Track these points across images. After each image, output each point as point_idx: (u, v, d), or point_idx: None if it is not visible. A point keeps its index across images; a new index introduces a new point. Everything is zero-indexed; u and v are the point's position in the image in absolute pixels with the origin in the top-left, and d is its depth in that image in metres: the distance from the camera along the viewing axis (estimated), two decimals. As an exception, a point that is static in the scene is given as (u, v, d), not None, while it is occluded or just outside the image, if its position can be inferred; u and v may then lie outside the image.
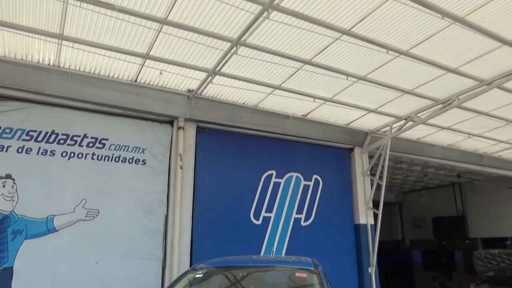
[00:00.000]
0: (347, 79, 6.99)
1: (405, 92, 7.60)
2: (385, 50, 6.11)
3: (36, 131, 6.41)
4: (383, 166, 9.17)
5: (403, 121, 8.84)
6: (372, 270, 9.14)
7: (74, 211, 6.46)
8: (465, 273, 16.37)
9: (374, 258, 9.14)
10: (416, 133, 9.87)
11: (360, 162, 9.82)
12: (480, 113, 8.57)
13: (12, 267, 5.88)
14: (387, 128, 9.34)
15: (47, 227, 6.23)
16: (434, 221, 17.49)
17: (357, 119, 9.04)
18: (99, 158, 6.84)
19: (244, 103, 8.13)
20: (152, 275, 6.85)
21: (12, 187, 6.12)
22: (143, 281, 6.72)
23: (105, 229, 6.63)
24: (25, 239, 6.04)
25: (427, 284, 14.65)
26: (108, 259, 6.56)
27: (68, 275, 6.20)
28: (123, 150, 7.07)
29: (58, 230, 6.29)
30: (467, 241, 17.94)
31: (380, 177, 9.33)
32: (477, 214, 16.59)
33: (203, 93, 7.58)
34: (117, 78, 6.95)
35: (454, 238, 17.79)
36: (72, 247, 6.33)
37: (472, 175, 15.10)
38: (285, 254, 8.26)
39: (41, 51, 6.16)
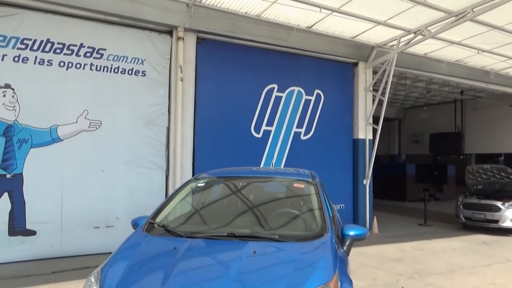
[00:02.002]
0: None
1: (418, 2, 7.15)
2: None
3: (30, 39, 6.20)
4: (386, 82, 9.04)
5: (412, 35, 8.48)
6: (367, 182, 9.55)
7: (77, 122, 6.55)
8: (456, 186, 17.17)
9: (369, 171, 9.50)
10: (423, 47, 9.54)
11: (364, 78, 9.66)
12: (493, 27, 8.18)
13: (21, 174, 6.16)
14: (395, 42, 9.01)
15: (51, 137, 6.37)
16: (431, 137, 17.83)
17: (364, 32, 8.65)
18: (98, 68, 6.72)
19: (246, 13, 7.71)
20: (156, 183, 7.19)
21: (13, 96, 6.12)
22: (148, 189, 7.08)
23: (108, 140, 6.78)
24: (31, 147, 6.22)
25: (418, 195, 15.43)
26: (113, 168, 6.83)
27: (75, 182, 6.52)
28: (122, 61, 6.91)
29: (62, 140, 6.45)
30: (461, 157, 18.49)
31: (383, 93, 9.26)
32: (475, 131, 16.84)
33: (203, 1, 7.15)
34: (111, -18, 6.50)
35: (450, 154, 18.30)
36: (77, 156, 6.55)
37: (476, 92, 14.98)
38: (284, 166, 8.56)
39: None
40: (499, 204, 9.25)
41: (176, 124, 7.22)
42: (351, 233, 3.15)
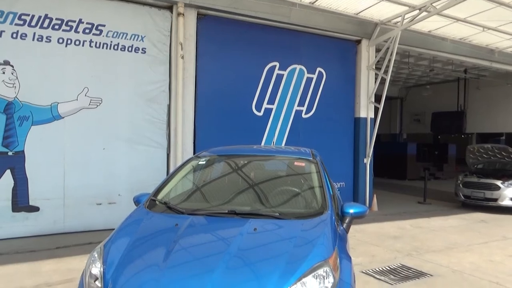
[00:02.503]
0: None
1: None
2: None
3: (28, 15, 6.10)
4: (389, 60, 8.93)
5: (417, 11, 8.31)
6: (368, 160, 9.58)
7: (77, 99, 6.52)
8: (456, 165, 17.25)
9: (370, 150, 9.51)
10: (428, 25, 9.37)
11: (366, 55, 9.54)
12: (500, 3, 8.00)
13: (23, 151, 6.18)
14: (399, 19, 8.84)
15: (52, 114, 6.35)
16: (433, 116, 17.76)
17: (368, 8, 8.48)
18: (97, 45, 6.64)
19: (247, -13, 7.55)
20: (157, 160, 7.22)
21: (12, 73, 6.07)
22: (149, 166, 7.11)
23: (109, 117, 6.77)
24: (32, 125, 6.22)
25: (418, 174, 15.52)
26: (114, 145, 6.84)
27: (77, 159, 6.55)
28: (122, 38, 6.82)
29: (63, 118, 6.44)
30: (462, 136, 18.47)
31: (385, 71, 9.16)
32: (477, 110, 16.75)
33: (203, -25, 7.00)
34: (109, -45, 6.35)
35: (451, 133, 18.27)
36: (79, 133, 6.55)
37: (479, 71, 14.81)
38: (285, 145, 8.57)
39: None
40: (498, 183, 9.30)
41: (177, 102, 7.18)
42: (351, 211, 3.18)
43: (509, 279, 4.81)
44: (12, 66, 6.06)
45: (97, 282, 2.25)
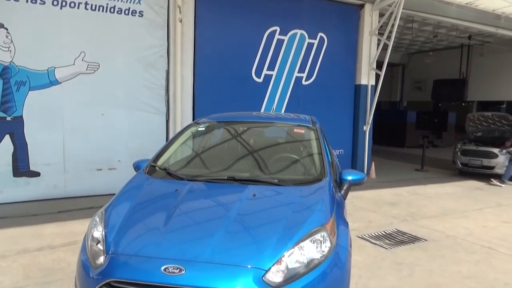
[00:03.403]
0: None
1: None
2: None
3: (20, -26, 5.89)
4: (393, 25, 8.71)
5: (422, -26, 8.04)
6: (367, 128, 9.58)
7: (74, 64, 6.42)
8: (455, 133, 17.27)
9: (370, 118, 9.48)
10: (434, -12, 9.08)
11: (369, 21, 9.31)
12: (509, -34, 7.73)
13: (21, 116, 6.15)
14: (404, -18, 8.56)
15: (49, 79, 6.27)
16: (435, 83, 17.57)
17: (372, -30, 8.21)
18: (93, 8, 6.45)
19: None
20: (156, 127, 7.21)
21: (7, 37, 5.94)
22: (149, 132, 7.11)
23: (107, 83, 6.69)
24: (29, 90, 6.15)
25: (417, 142, 15.57)
26: (113, 111, 6.80)
27: (76, 125, 6.53)
28: (118, 0, 6.61)
29: (61, 83, 6.36)
30: (463, 104, 18.38)
31: (388, 37, 8.97)
32: (480, 78, 16.55)
33: None
34: None
35: (452, 101, 18.16)
36: (77, 99, 6.50)
37: (484, 37, 14.51)
38: (285, 112, 8.53)
39: None
40: (496, 151, 9.34)
41: (176, 67, 7.08)
42: (349, 178, 3.21)
43: (501, 243, 4.94)
44: (6, 29, 5.92)
45: (99, 245, 2.30)
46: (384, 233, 5.20)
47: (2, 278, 3.59)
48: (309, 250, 2.21)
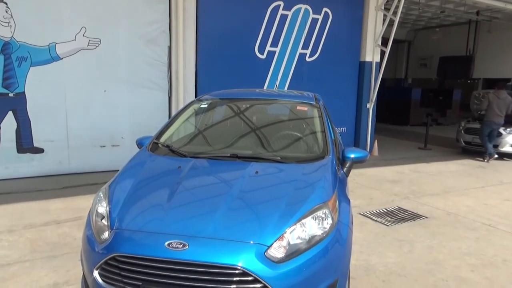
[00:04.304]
0: None
1: None
2: None
3: None
4: (399, 0, 8.52)
5: None
6: (371, 105, 9.51)
7: (75, 39, 6.35)
8: (460, 111, 17.13)
9: (374, 95, 9.40)
10: (442, -39, 8.82)
11: (375, -5, 9.10)
12: None
13: (23, 92, 6.13)
14: (412, -45, 8.31)
15: (50, 55, 6.22)
16: (440, 60, 17.30)
17: None
18: (93, -19, 6.32)
19: None
20: (159, 103, 7.18)
21: (7, 11, 5.85)
22: (151, 108, 7.09)
23: (108, 59, 6.63)
24: (31, 66, 6.11)
25: (421, 120, 15.47)
26: (115, 88, 6.77)
27: (79, 101, 6.52)
28: (118, -27, 6.48)
29: (62, 59, 6.31)
30: (469, 81, 18.14)
31: (394, 12, 8.78)
32: (487, 55, 16.27)
33: None
34: None
35: (457, 78, 17.91)
36: (79, 75, 6.46)
37: (492, 12, 14.17)
38: (288, 88, 8.46)
39: None
40: (501, 129, 9.29)
41: (178, 43, 6.99)
42: (352, 155, 3.20)
43: (501, 221, 4.98)
44: (6, 4, 5.82)
45: (103, 221, 2.33)
46: (385, 210, 5.25)
47: (9, 251, 3.67)
48: (311, 227, 2.23)
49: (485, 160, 9.04)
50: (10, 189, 5.64)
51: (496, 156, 9.09)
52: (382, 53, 9.26)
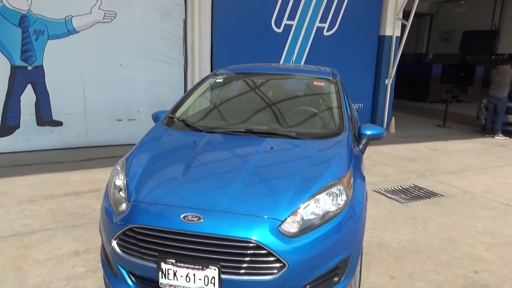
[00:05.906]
0: None
1: None
2: None
3: None
4: (422, -29, 8.17)
5: None
6: (389, 82, 9.31)
7: (91, 12, 6.33)
8: (481, 88, 16.60)
9: (393, 71, 9.18)
10: None
11: (398, -35, 8.73)
12: None
13: (42, 66, 6.20)
14: None
15: (67, 28, 6.23)
16: (464, 35, 16.68)
17: None
18: (108, -48, 6.24)
19: None
20: (174, 77, 7.18)
21: (23, -16, 5.85)
22: (167, 82, 7.10)
23: (124, 32, 6.61)
24: (48, 39, 6.15)
25: (440, 97, 15.09)
26: (131, 62, 6.78)
27: (95, 75, 6.57)
28: None
29: (78, 32, 6.32)
30: (493, 57, 17.49)
31: (417, -16, 8.44)
32: (513, 29, 15.60)
33: None
34: None
35: (481, 53, 17.28)
36: (95, 49, 6.48)
37: (522, -16, 13.51)
38: (305, 63, 8.32)
39: None
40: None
41: (193, 16, 6.90)
42: (368, 132, 3.16)
43: (520, 201, 4.90)
44: (22, -24, 5.82)
45: (121, 193, 2.38)
46: (400, 188, 5.21)
47: (32, 220, 3.81)
48: (325, 203, 2.23)
49: (494, 137, 8.93)
50: (30, 161, 5.80)
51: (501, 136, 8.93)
52: (403, 27, 8.96)
